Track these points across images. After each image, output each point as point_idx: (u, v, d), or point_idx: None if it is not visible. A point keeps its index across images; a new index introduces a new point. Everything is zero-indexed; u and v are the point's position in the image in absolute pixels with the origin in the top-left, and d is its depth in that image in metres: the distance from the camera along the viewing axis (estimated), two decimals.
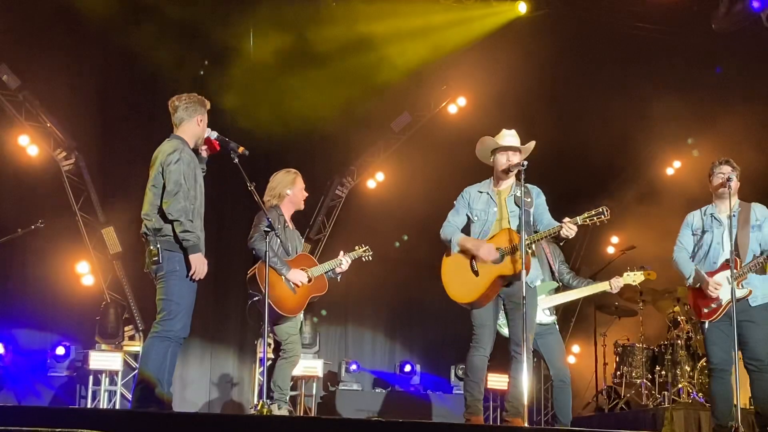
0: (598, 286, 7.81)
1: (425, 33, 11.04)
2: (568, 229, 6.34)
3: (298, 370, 7.38)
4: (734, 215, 6.93)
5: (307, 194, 7.58)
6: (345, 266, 7.51)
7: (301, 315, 7.44)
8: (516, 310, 6.49)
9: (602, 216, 6.35)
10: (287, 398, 7.20)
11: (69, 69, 10.68)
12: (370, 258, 7.73)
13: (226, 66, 10.63)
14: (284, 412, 7.09)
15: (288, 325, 7.20)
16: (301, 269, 7.24)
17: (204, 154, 6.37)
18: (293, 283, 7.15)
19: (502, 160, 6.75)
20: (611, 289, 7.74)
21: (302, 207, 7.60)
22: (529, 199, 6.59)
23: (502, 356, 6.86)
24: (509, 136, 6.83)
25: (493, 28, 11.42)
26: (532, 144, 6.84)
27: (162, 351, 5.93)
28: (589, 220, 6.37)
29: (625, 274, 7.83)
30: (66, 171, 10.87)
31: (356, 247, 7.68)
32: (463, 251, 6.71)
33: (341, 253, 7.55)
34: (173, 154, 6.00)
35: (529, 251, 6.49)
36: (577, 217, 6.39)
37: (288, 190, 7.38)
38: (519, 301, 6.32)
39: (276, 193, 7.39)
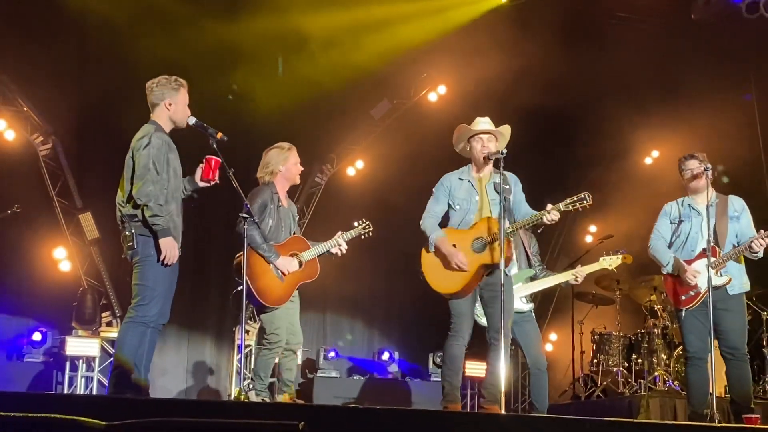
0: (561, 276, 7.83)
1: (405, 20, 10.97)
2: (553, 215, 6.42)
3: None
4: (712, 205, 6.97)
5: (302, 168, 7.43)
6: (342, 249, 7.26)
7: (297, 298, 7.21)
8: (495, 299, 6.50)
9: (584, 201, 6.42)
10: (266, 387, 7.12)
11: (46, 53, 10.54)
12: (370, 234, 7.43)
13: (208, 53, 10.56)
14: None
15: (274, 314, 6.99)
16: (292, 254, 7.05)
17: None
18: (281, 271, 6.96)
19: (478, 147, 6.79)
20: (573, 280, 7.77)
21: (298, 181, 7.53)
22: (507, 186, 6.58)
23: (480, 344, 6.88)
24: (483, 123, 6.87)
25: (475, 15, 11.38)
26: (506, 127, 6.86)
27: (137, 336, 5.91)
28: (572, 206, 6.45)
29: (601, 258, 7.85)
30: (43, 156, 10.78)
31: (354, 224, 7.44)
32: (437, 250, 6.70)
33: (339, 233, 7.29)
34: (142, 139, 6.03)
35: (511, 239, 6.62)
36: (560, 204, 6.46)
37: (281, 167, 7.23)
38: (497, 289, 6.31)
39: (269, 170, 7.23)
